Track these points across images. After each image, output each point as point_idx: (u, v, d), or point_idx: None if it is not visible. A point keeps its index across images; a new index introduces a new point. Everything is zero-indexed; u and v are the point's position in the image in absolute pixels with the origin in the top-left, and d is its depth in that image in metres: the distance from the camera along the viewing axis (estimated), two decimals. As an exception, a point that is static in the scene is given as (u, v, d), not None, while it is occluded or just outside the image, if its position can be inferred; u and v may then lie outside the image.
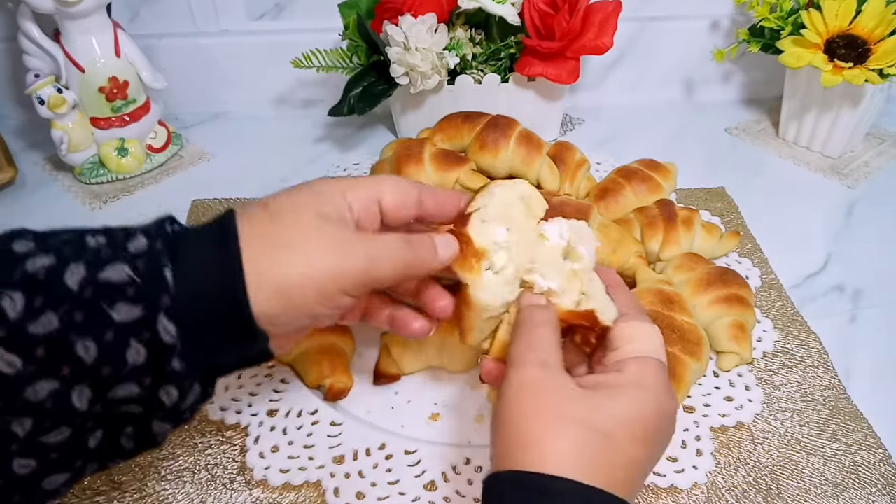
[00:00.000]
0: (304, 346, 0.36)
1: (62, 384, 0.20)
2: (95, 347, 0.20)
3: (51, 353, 0.20)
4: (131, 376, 0.21)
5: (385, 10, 0.53)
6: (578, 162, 0.49)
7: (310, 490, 0.32)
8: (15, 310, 0.20)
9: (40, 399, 0.20)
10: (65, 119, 0.51)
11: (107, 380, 0.21)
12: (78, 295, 0.20)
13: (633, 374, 0.24)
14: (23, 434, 0.20)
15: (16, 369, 0.20)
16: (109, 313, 0.21)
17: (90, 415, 0.21)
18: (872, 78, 0.50)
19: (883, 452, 0.34)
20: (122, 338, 0.21)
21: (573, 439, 0.22)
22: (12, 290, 0.20)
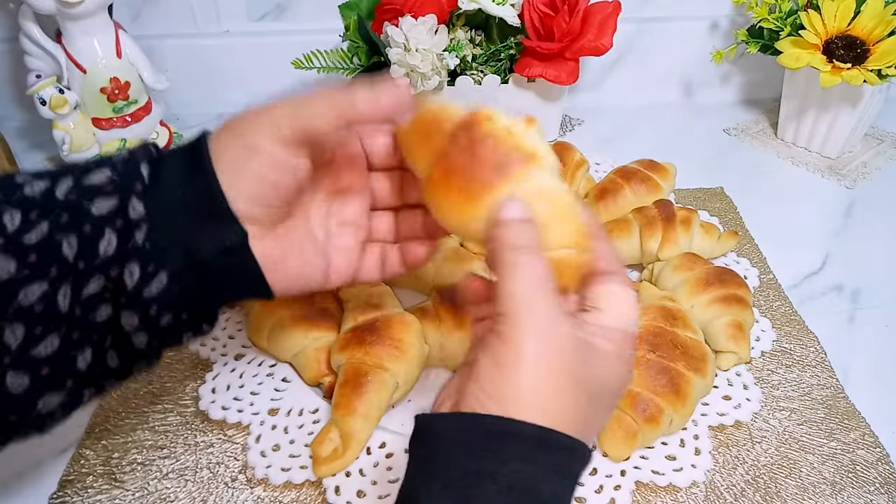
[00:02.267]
0: (302, 343, 0.36)
1: (50, 286, 0.22)
2: (76, 241, 0.22)
3: (41, 256, 0.22)
4: (101, 267, 0.23)
5: (385, 12, 0.53)
6: (577, 162, 0.50)
7: (311, 489, 0.32)
8: (13, 223, 0.22)
9: (31, 302, 0.22)
10: (66, 120, 0.51)
11: (81, 274, 0.22)
12: (65, 200, 0.23)
13: (619, 347, 0.24)
14: (15, 345, 0.22)
15: (11, 274, 0.21)
16: (89, 208, 0.23)
17: (72, 319, 0.23)
18: (871, 78, 0.50)
19: (881, 451, 0.34)
20: (99, 228, 0.23)
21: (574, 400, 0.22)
22: (12, 208, 0.22)
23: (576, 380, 0.22)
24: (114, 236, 0.23)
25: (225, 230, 0.24)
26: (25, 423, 0.23)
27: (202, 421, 0.35)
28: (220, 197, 0.24)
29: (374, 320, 0.35)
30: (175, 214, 0.24)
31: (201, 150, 0.24)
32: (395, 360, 0.34)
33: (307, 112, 0.24)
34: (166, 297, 0.24)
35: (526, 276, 0.22)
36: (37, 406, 0.23)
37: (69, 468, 0.33)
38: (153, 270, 0.23)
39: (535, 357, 0.21)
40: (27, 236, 0.22)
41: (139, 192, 0.23)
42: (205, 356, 0.38)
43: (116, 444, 0.34)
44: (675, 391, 0.33)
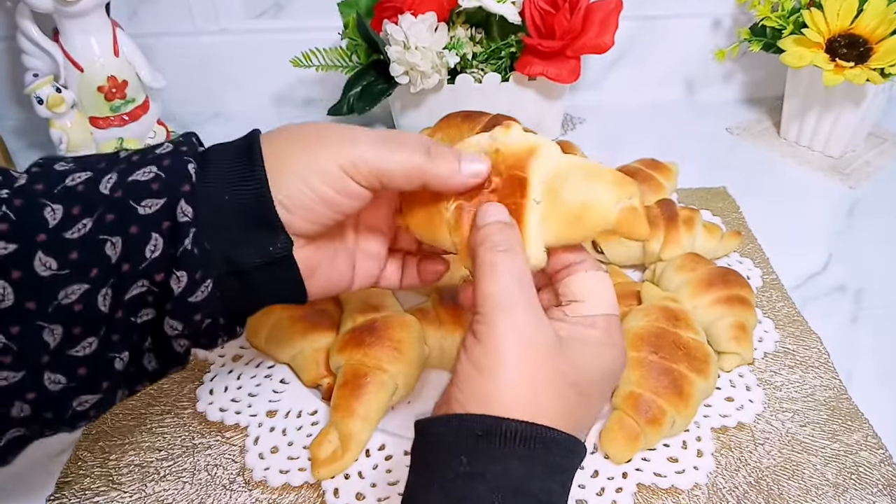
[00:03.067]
0: (300, 344, 0.36)
1: (91, 286, 0.21)
2: (121, 243, 0.22)
3: (83, 254, 0.21)
4: (146, 271, 0.22)
5: (385, 9, 0.53)
6: (579, 161, 0.49)
7: (309, 491, 0.32)
8: (55, 218, 0.21)
9: (71, 302, 0.21)
10: (64, 118, 0.51)
11: (125, 277, 0.22)
12: (110, 197, 0.22)
13: (605, 332, 0.23)
14: (53, 344, 0.21)
15: (51, 272, 0.21)
16: (135, 208, 0.22)
17: (112, 322, 0.22)
18: (874, 77, 0.50)
19: (884, 453, 0.34)
20: (145, 230, 0.22)
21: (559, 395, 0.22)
22: (54, 202, 0.21)
23: (559, 373, 0.22)
24: (161, 239, 0.22)
25: (272, 240, 0.24)
26: (59, 422, 0.23)
27: (200, 423, 0.35)
28: (270, 207, 0.23)
29: (373, 321, 0.35)
30: (222, 219, 0.23)
31: (254, 153, 0.23)
32: (395, 361, 0.34)
33: (389, 161, 0.24)
34: (211, 303, 0.23)
35: (502, 276, 0.22)
36: (72, 405, 0.23)
37: (66, 470, 0.33)
38: (201, 277, 0.23)
39: (514, 356, 0.21)
40: (69, 233, 0.21)
41: (187, 194, 0.22)
42: (202, 357, 0.38)
43: (114, 445, 0.34)
44: (678, 392, 0.33)
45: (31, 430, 0.23)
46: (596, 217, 0.24)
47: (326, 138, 0.24)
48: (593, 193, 0.24)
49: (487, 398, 0.21)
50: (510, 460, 0.20)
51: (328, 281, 0.27)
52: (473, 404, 0.21)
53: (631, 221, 0.23)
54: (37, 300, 0.21)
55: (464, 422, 0.21)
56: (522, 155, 0.24)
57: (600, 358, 0.23)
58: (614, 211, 0.23)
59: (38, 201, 0.22)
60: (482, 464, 0.20)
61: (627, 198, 0.24)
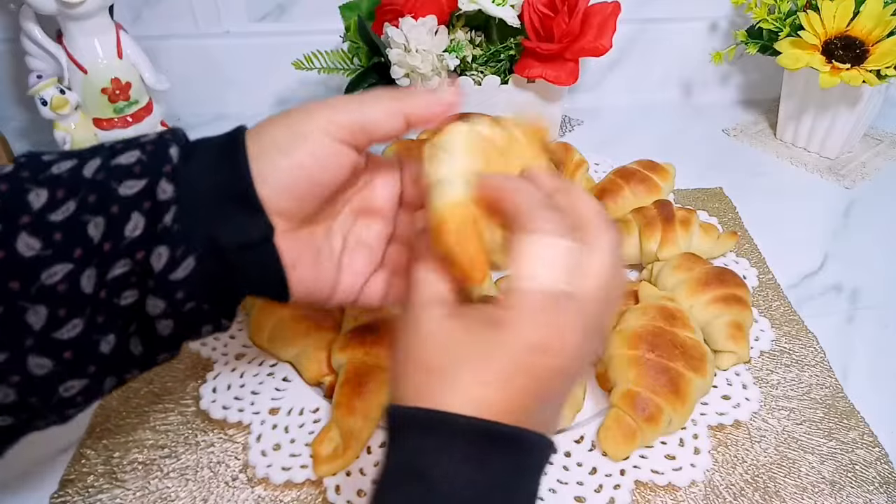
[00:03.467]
0: (303, 343, 0.36)
1: (74, 266, 0.22)
2: (103, 223, 0.22)
3: (67, 235, 0.22)
4: (128, 250, 0.22)
5: (385, 12, 0.53)
6: (577, 163, 0.50)
7: (311, 488, 0.32)
8: (39, 202, 0.22)
9: (55, 282, 0.21)
10: (67, 120, 0.51)
11: (107, 256, 0.22)
12: (92, 180, 0.22)
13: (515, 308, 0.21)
14: (38, 326, 0.21)
15: (35, 252, 0.21)
16: (116, 189, 0.22)
17: (96, 303, 0.22)
18: (870, 79, 0.50)
19: (879, 451, 0.34)
20: (126, 210, 0.22)
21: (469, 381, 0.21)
22: (38, 187, 0.22)
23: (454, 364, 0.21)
24: (141, 219, 0.22)
25: (252, 221, 0.24)
26: (46, 408, 0.23)
27: (203, 420, 0.35)
28: (250, 188, 0.23)
29: (374, 320, 0.35)
30: (203, 198, 0.23)
31: (237, 138, 0.24)
32: (396, 359, 0.34)
33: (368, 107, 0.24)
34: (192, 282, 0.23)
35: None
36: (58, 390, 0.23)
37: (70, 468, 0.33)
38: (182, 254, 0.23)
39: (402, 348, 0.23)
40: (52, 215, 0.22)
41: (168, 174, 0.23)
42: (205, 356, 0.38)
43: (117, 443, 0.34)
44: (675, 391, 0.33)
45: (20, 420, 0.23)
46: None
47: (307, 110, 0.24)
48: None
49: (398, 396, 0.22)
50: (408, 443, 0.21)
51: (310, 280, 0.26)
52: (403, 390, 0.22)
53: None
54: (20, 280, 0.21)
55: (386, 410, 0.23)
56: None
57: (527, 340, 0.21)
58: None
59: (22, 186, 0.22)
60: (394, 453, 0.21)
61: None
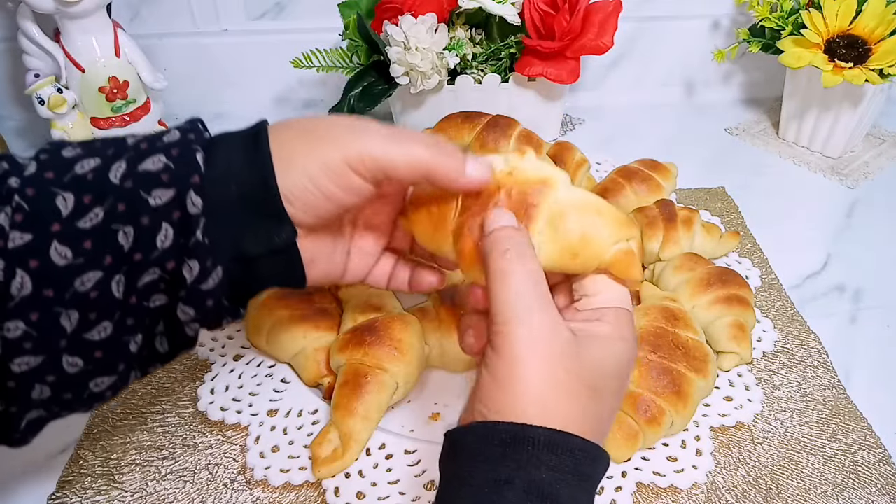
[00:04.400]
0: (301, 344, 0.36)
1: (105, 274, 0.22)
2: (133, 232, 0.22)
3: (97, 243, 0.22)
4: (158, 260, 0.23)
5: (385, 10, 0.53)
6: (578, 162, 0.49)
7: (310, 490, 0.32)
8: (67, 207, 0.22)
9: (87, 289, 0.22)
10: (65, 119, 0.51)
11: (137, 266, 0.22)
12: (120, 187, 0.22)
13: (613, 326, 0.23)
14: (70, 329, 0.22)
15: (68, 261, 0.21)
16: (146, 199, 0.22)
17: (126, 307, 0.23)
18: (873, 78, 0.50)
19: (882, 452, 0.34)
20: (156, 221, 0.22)
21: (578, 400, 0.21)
22: (64, 191, 0.22)
23: (577, 378, 0.22)
24: (171, 229, 0.22)
25: (277, 229, 0.24)
26: (77, 402, 0.24)
27: (201, 422, 0.35)
28: (276, 198, 0.23)
29: (373, 321, 0.35)
30: (229, 209, 0.23)
31: (261, 143, 0.24)
32: (395, 360, 0.34)
33: (394, 155, 0.24)
34: (221, 289, 0.24)
35: (516, 283, 0.22)
36: (89, 386, 0.24)
37: (68, 469, 0.33)
38: (211, 265, 0.23)
39: (532, 365, 0.21)
40: (81, 222, 0.22)
41: (196, 185, 0.23)
42: (203, 357, 0.38)
43: (115, 444, 0.34)
44: (677, 392, 0.33)
45: (50, 412, 0.24)
46: (592, 254, 0.24)
47: (332, 132, 0.24)
48: (594, 230, 0.24)
49: (509, 409, 0.21)
50: (538, 468, 0.20)
51: (325, 271, 0.28)
52: (497, 416, 0.21)
53: (625, 264, 0.24)
54: (54, 288, 0.21)
55: (489, 429, 0.21)
56: (534, 184, 0.24)
57: (610, 352, 0.23)
58: (611, 251, 0.24)
59: (49, 190, 0.22)
60: (510, 471, 0.20)
61: (626, 240, 0.24)
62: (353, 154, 0.23)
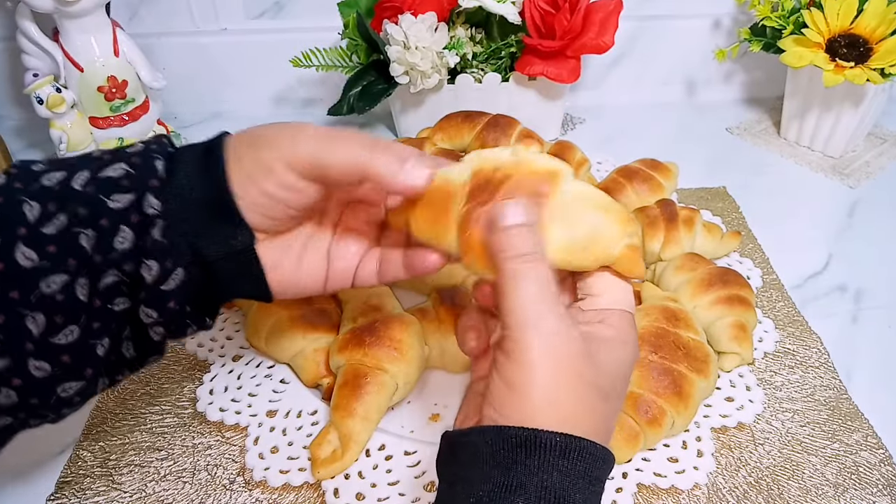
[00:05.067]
0: (300, 344, 0.36)
1: (70, 277, 0.23)
2: (94, 235, 0.23)
3: (61, 247, 0.23)
4: (117, 262, 0.23)
5: (385, 9, 0.53)
6: (579, 161, 0.49)
7: (309, 491, 0.32)
8: (33, 214, 0.23)
9: (52, 291, 0.22)
10: (64, 118, 0.51)
11: (97, 267, 0.23)
12: (82, 192, 0.23)
13: (617, 328, 0.23)
14: (37, 332, 0.22)
15: (33, 263, 0.22)
16: (105, 202, 0.23)
17: (91, 310, 0.23)
18: (874, 77, 0.50)
19: (884, 453, 0.34)
20: (114, 223, 0.23)
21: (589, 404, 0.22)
22: (31, 199, 0.23)
23: (587, 382, 0.22)
24: (130, 231, 0.23)
25: (233, 233, 0.25)
26: (44, 408, 0.24)
27: (200, 422, 0.35)
28: (230, 201, 0.24)
29: (373, 321, 0.35)
30: (187, 212, 0.24)
31: (216, 152, 0.25)
32: (395, 361, 0.34)
33: (328, 155, 0.24)
34: (182, 291, 0.24)
35: (528, 287, 0.22)
36: (56, 391, 0.24)
37: (66, 470, 0.33)
38: (171, 266, 0.24)
39: (545, 370, 0.21)
40: (46, 227, 0.23)
41: (155, 188, 0.24)
42: (202, 357, 0.38)
43: (114, 445, 0.34)
44: (678, 392, 0.33)
45: (18, 419, 0.24)
46: (601, 250, 0.24)
47: (276, 136, 0.24)
48: (603, 225, 0.24)
49: (522, 414, 0.21)
50: (550, 473, 0.20)
51: (293, 279, 0.27)
52: (508, 420, 0.21)
53: (631, 259, 0.24)
54: (19, 289, 0.22)
55: (502, 433, 0.21)
56: (542, 174, 0.24)
57: (616, 356, 0.23)
58: (619, 246, 0.24)
59: (17, 198, 0.23)
60: (522, 476, 0.20)
61: (629, 236, 0.24)
62: (289, 155, 0.24)
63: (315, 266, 0.28)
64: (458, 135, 0.50)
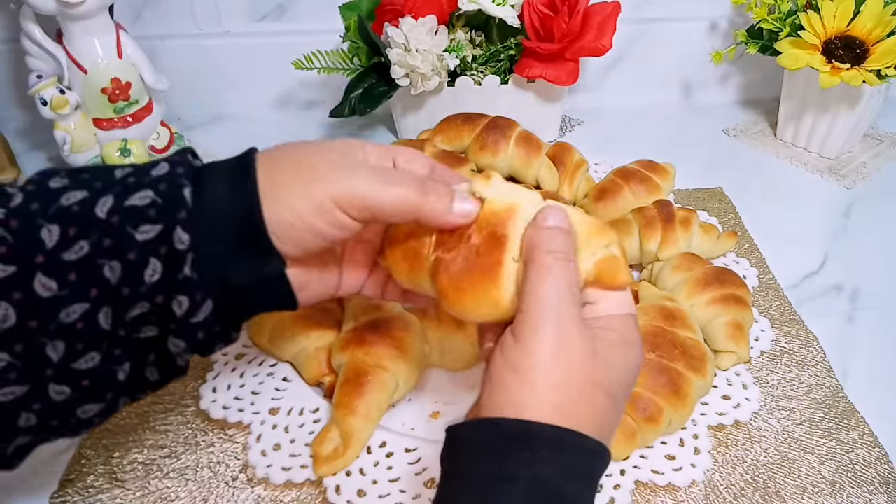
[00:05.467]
0: (303, 343, 0.36)
1: (91, 306, 0.22)
2: (120, 268, 0.22)
3: (81, 276, 0.22)
4: (146, 295, 0.23)
5: (386, 12, 0.53)
6: (577, 163, 0.50)
7: (311, 488, 0.32)
8: (52, 240, 0.22)
9: (72, 320, 0.22)
10: (67, 120, 0.51)
11: (125, 300, 0.22)
12: (106, 222, 0.22)
13: (622, 333, 0.23)
14: (56, 359, 0.22)
15: (52, 292, 0.22)
16: (133, 235, 0.22)
17: (114, 338, 0.23)
18: (870, 79, 0.50)
19: (880, 451, 0.34)
20: (143, 256, 0.22)
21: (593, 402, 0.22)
22: (49, 223, 0.22)
23: (595, 381, 0.22)
24: (159, 265, 0.22)
25: (265, 262, 0.24)
26: (64, 429, 0.24)
27: (203, 420, 0.35)
28: (264, 233, 0.23)
29: (374, 320, 0.35)
30: (217, 243, 0.23)
31: (248, 176, 0.24)
32: (396, 359, 0.34)
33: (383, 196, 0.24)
34: (211, 320, 0.24)
35: (555, 282, 0.22)
36: (76, 413, 0.24)
37: (70, 468, 0.33)
38: (201, 299, 0.23)
39: (552, 360, 0.21)
40: (66, 254, 0.22)
41: (184, 221, 0.23)
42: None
43: (117, 443, 0.34)
44: (675, 391, 0.33)
45: (38, 437, 0.24)
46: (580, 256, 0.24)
47: (320, 168, 0.24)
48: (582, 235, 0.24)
49: (521, 402, 0.21)
50: (543, 465, 0.20)
51: (318, 293, 0.28)
52: (507, 408, 0.21)
53: (610, 272, 0.24)
54: (38, 319, 0.21)
55: (495, 425, 0.21)
56: (503, 211, 0.24)
57: (623, 360, 0.23)
58: (591, 264, 0.24)
59: (34, 221, 0.22)
60: (514, 468, 0.20)
61: (604, 246, 0.24)
62: (341, 193, 0.23)
63: (332, 279, 0.29)
64: (457, 136, 0.51)
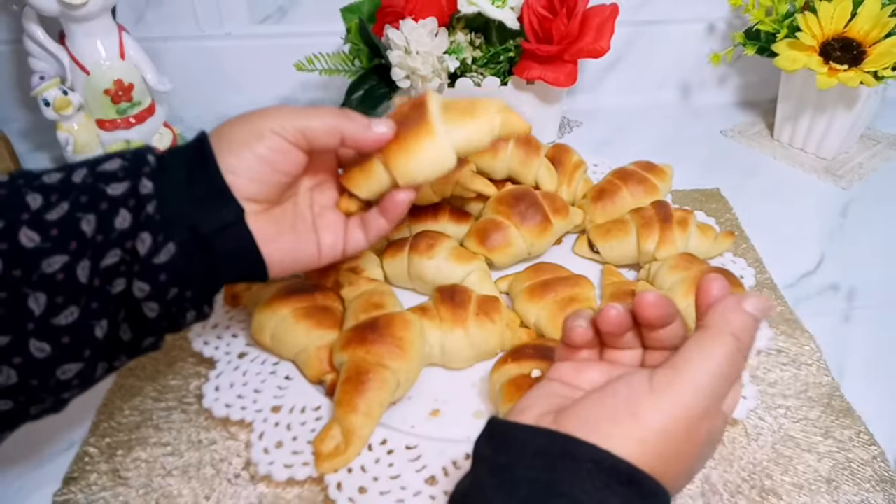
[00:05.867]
0: (304, 341, 0.37)
1: (70, 258, 0.24)
2: (95, 219, 0.25)
3: (63, 230, 0.24)
4: (117, 241, 0.25)
5: (386, 15, 0.53)
6: (575, 164, 0.50)
7: (313, 485, 0.32)
8: (36, 203, 0.25)
9: (53, 271, 0.24)
10: (70, 121, 0.51)
11: (99, 247, 0.25)
12: (82, 184, 0.26)
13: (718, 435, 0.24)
14: (38, 312, 0.24)
15: (35, 244, 0.24)
16: (105, 189, 0.26)
17: (91, 291, 0.25)
18: (867, 80, 0.51)
19: (876, 449, 0.35)
20: (114, 206, 0.26)
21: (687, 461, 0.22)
22: (34, 192, 0.25)
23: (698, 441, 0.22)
24: (128, 213, 0.26)
25: (224, 207, 0.28)
26: (44, 391, 0.25)
27: (206, 418, 0.36)
28: (219, 177, 0.27)
29: (375, 319, 0.36)
30: (180, 193, 0.27)
31: (202, 140, 0.28)
32: (397, 358, 0.34)
33: (310, 122, 0.29)
34: (174, 266, 0.26)
35: (723, 357, 0.22)
36: (56, 373, 0.25)
37: (73, 466, 0.33)
38: (163, 240, 0.26)
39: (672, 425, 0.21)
40: (49, 214, 0.25)
41: (148, 174, 0.26)
42: (208, 355, 0.39)
43: (120, 441, 0.35)
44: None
45: (18, 404, 0.25)
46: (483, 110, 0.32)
47: (259, 113, 0.29)
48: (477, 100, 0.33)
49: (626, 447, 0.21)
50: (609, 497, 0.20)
51: (293, 250, 0.31)
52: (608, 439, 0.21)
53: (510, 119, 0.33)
54: (22, 268, 0.24)
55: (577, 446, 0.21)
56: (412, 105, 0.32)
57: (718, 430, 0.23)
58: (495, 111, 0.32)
59: (20, 190, 0.25)
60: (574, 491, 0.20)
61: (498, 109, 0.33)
62: (276, 122, 0.28)
63: (308, 238, 0.32)
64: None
